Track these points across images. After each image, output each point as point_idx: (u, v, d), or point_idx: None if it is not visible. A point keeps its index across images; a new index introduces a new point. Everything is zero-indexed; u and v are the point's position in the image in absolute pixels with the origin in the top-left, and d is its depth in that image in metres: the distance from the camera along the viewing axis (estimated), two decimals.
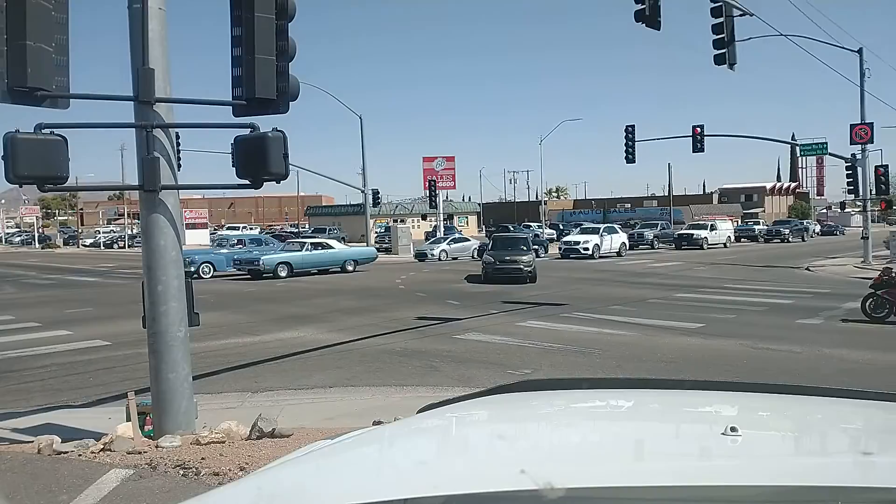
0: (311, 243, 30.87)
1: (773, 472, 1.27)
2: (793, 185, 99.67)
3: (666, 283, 22.49)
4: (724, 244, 46.08)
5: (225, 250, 31.81)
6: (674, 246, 44.76)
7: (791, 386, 1.98)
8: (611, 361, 10.54)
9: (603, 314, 15.46)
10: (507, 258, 23.72)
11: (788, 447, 1.57)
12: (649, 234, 48.47)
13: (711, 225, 46.75)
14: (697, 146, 29.90)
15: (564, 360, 10.69)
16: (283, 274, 27.50)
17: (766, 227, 58.22)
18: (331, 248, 30.72)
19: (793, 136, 70.92)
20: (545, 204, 70.42)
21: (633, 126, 30.90)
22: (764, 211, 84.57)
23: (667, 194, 76.22)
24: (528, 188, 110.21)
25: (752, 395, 1.96)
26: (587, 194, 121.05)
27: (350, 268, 30.09)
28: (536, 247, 35.00)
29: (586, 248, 36.47)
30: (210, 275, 28.46)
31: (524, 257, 23.79)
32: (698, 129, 29.82)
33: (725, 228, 48.44)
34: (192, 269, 24.80)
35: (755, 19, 17.88)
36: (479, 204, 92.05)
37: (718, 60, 16.77)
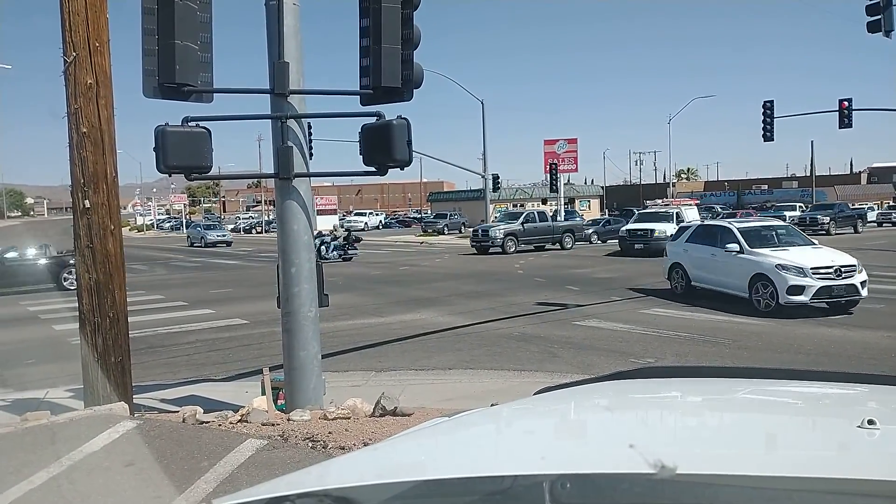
0: None
1: None
2: None
3: None
4: None
5: None
6: (621, 250, 29.58)
7: None
8: (742, 352, 10.04)
9: (733, 301, 14.71)
10: None
11: None
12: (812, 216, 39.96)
13: (677, 214, 30.78)
14: (844, 122, 27.54)
15: (692, 350, 10.30)
16: None
17: (800, 214, 44.76)
18: None
19: None
20: (673, 185, 67.64)
21: (771, 101, 28.87)
22: None
23: (808, 174, 71.13)
24: (655, 170, 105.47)
25: (892, 388, 1.82)
26: (719, 175, 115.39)
27: None
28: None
29: None
30: None
31: None
32: (845, 104, 27.47)
33: (693, 219, 30.90)
34: None
35: None
36: (601, 187, 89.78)
37: (872, 28, 15.39)
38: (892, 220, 50.20)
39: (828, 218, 41.30)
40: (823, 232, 39.36)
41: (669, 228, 26.78)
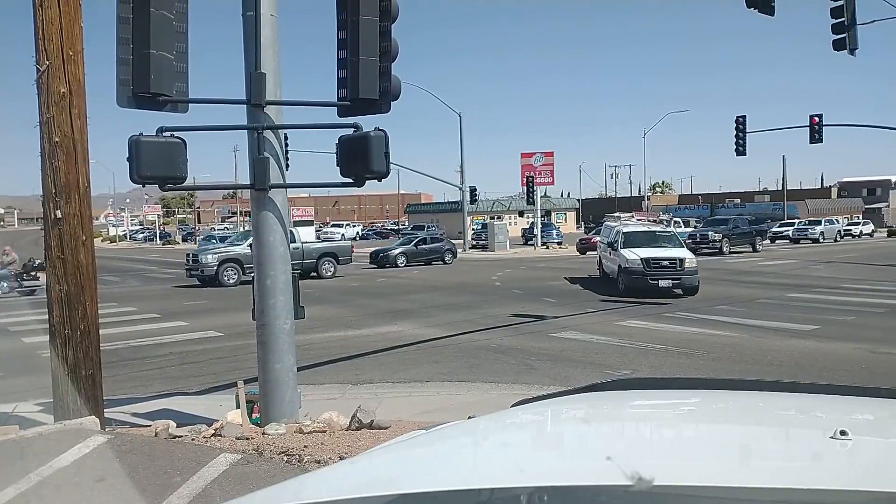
0: None
1: (885, 478, 1.20)
2: None
3: (777, 283, 21.34)
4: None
5: None
6: (624, 290, 18.86)
7: None
8: (716, 364, 10.14)
9: (708, 314, 14.88)
10: None
11: None
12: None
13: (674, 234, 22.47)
14: (815, 137, 28.12)
15: (666, 361, 10.38)
16: None
17: (690, 231, 39.38)
18: None
19: None
20: (648, 199, 68.41)
21: (744, 117, 29.38)
22: (888, 206, 78.75)
23: (780, 188, 72.44)
24: (631, 183, 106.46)
25: (864, 399, 1.85)
26: (693, 189, 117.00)
27: None
28: None
29: None
30: None
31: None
32: (816, 119, 28.05)
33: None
34: None
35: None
36: (577, 200, 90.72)
37: (837, 46, 15.73)
38: (809, 236, 47.90)
39: (720, 235, 35.67)
40: (715, 251, 34.50)
41: (692, 255, 19.65)
